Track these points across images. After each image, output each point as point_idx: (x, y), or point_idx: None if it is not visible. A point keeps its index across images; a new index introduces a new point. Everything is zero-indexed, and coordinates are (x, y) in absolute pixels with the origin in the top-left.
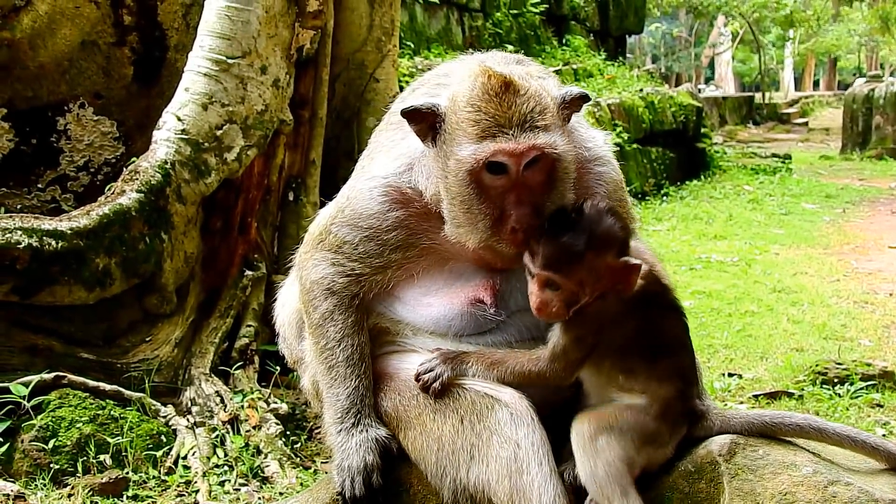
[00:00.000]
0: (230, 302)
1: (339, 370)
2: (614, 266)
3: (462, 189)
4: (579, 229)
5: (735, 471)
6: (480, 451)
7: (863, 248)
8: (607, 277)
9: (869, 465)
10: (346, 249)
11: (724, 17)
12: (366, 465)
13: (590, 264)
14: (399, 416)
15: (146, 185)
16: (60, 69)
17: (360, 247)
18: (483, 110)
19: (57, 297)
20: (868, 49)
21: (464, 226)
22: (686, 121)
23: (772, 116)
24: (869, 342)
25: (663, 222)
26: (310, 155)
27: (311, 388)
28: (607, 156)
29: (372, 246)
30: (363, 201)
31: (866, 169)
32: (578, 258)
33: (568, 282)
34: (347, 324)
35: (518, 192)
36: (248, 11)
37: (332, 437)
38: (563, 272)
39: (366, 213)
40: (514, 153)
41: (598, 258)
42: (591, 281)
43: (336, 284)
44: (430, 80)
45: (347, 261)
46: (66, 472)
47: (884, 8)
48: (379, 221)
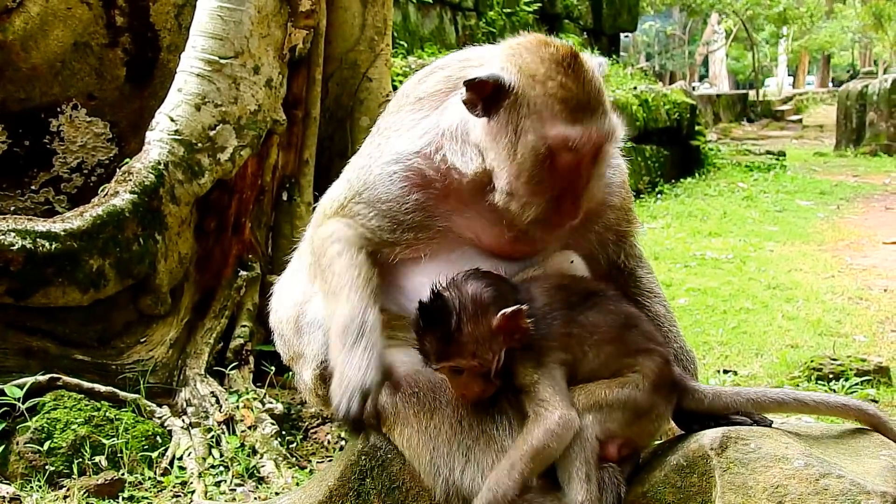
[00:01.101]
0: (225, 302)
1: (344, 292)
2: (499, 325)
3: (535, 165)
4: (446, 311)
5: (727, 464)
6: (476, 455)
7: (857, 245)
8: (500, 337)
9: (861, 457)
10: (359, 220)
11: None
12: (364, 383)
13: (474, 337)
14: (396, 413)
15: (139, 186)
16: (53, 71)
17: (374, 221)
18: (564, 86)
19: (51, 298)
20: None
21: (523, 199)
22: (680, 118)
23: (766, 114)
24: (864, 338)
25: (658, 220)
26: (303, 155)
27: (310, 384)
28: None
29: (386, 223)
30: (383, 185)
31: (860, 165)
32: (459, 338)
33: (467, 362)
34: (357, 259)
35: (585, 173)
36: (240, 11)
37: (333, 357)
38: (455, 357)
39: (385, 197)
40: (597, 140)
41: (478, 327)
42: (487, 348)
43: (347, 234)
44: (453, 65)
45: (360, 226)
46: (62, 473)
47: (877, 4)
48: (399, 205)
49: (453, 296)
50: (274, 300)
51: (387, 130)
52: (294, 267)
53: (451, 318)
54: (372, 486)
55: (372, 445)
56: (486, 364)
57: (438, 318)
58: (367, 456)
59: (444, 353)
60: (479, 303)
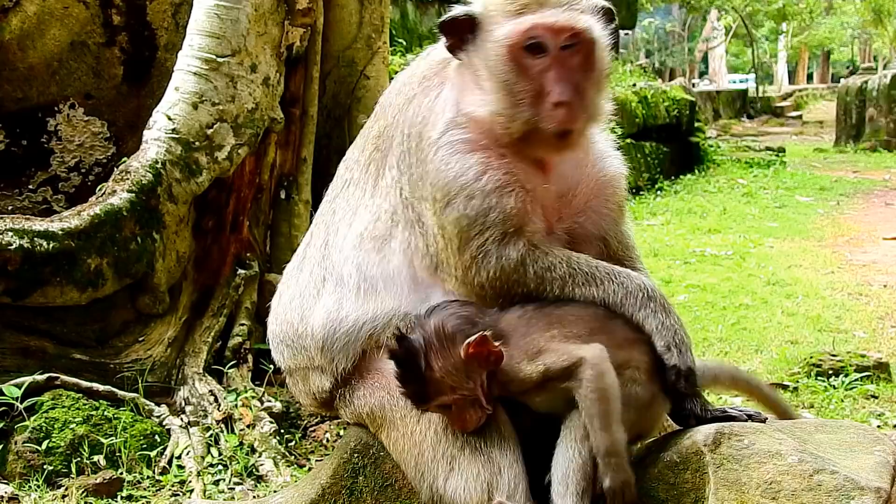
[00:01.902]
0: (223, 301)
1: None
2: (467, 354)
3: (502, 71)
4: (413, 352)
5: (720, 460)
6: (460, 464)
7: (857, 240)
8: (475, 365)
9: (855, 453)
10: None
11: (717, 11)
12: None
13: (447, 371)
14: (384, 415)
15: (137, 184)
16: (50, 70)
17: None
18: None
19: (49, 297)
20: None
21: (506, 111)
22: (679, 115)
23: (766, 110)
24: (863, 334)
25: (657, 217)
26: (301, 153)
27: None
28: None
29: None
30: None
31: (860, 161)
32: (433, 376)
33: (449, 397)
34: (559, 252)
35: (558, 70)
36: (237, 10)
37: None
38: (435, 396)
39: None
40: (553, 28)
41: (448, 361)
42: (465, 378)
43: (503, 236)
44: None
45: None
46: (60, 473)
47: (876, 0)
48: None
49: (418, 335)
50: (288, 309)
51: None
52: (322, 280)
53: (420, 358)
54: (365, 483)
55: (365, 443)
56: (470, 393)
57: (408, 360)
58: (359, 454)
59: (423, 394)
60: (443, 336)
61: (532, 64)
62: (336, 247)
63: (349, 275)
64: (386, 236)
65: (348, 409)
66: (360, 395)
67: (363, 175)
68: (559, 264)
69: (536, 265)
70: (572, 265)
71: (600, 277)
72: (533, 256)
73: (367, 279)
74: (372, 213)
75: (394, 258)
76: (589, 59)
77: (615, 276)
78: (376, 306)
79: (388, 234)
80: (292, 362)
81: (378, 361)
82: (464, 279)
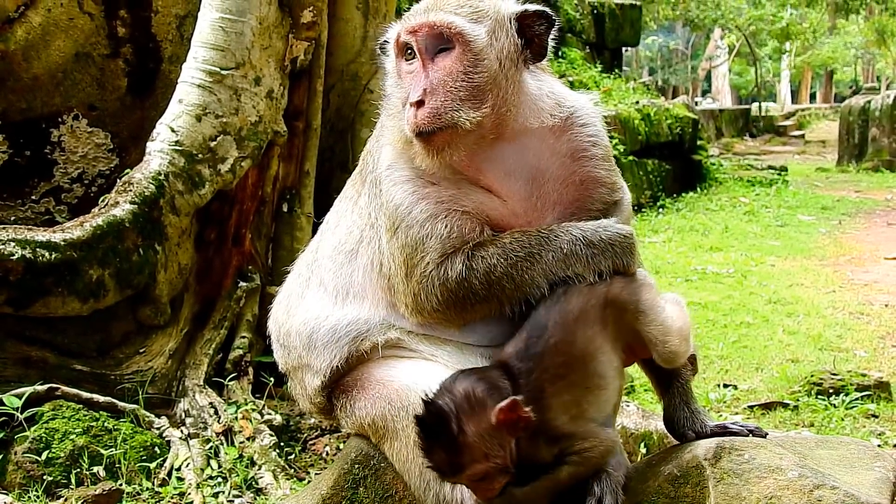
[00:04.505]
0: (224, 313)
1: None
2: (498, 420)
3: (388, 84)
4: (445, 417)
5: (720, 475)
6: None
7: (859, 260)
8: (503, 432)
9: (855, 468)
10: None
11: (720, 29)
12: None
13: (480, 437)
14: (386, 426)
15: (140, 196)
16: (54, 81)
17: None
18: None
19: (51, 308)
20: (864, 62)
21: (393, 122)
22: (682, 133)
23: (768, 129)
24: (864, 353)
25: (659, 234)
26: (304, 166)
27: (311, 392)
28: (589, 116)
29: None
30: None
31: (862, 181)
32: (466, 442)
33: (483, 465)
34: (493, 249)
35: (421, 72)
36: (241, 23)
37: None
38: (470, 465)
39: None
40: (409, 29)
41: (480, 426)
42: (497, 445)
43: (456, 251)
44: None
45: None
46: (60, 483)
47: (880, 20)
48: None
49: (446, 400)
50: (279, 310)
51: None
52: (307, 280)
53: (451, 423)
54: (365, 495)
55: (365, 454)
56: (502, 461)
57: (438, 427)
58: (360, 465)
59: (457, 463)
60: (473, 401)
61: (405, 69)
62: (321, 252)
63: (329, 280)
64: (354, 251)
65: (349, 419)
66: (362, 405)
67: (351, 190)
68: (497, 262)
69: (478, 273)
70: (509, 256)
71: (536, 252)
72: (471, 266)
73: (339, 287)
74: (347, 228)
75: (358, 273)
76: (461, 59)
77: (548, 242)
78: (354, 312)
79: (356, 250)
80: (286, 361)
81: (378, 372)
82: (415, 308)
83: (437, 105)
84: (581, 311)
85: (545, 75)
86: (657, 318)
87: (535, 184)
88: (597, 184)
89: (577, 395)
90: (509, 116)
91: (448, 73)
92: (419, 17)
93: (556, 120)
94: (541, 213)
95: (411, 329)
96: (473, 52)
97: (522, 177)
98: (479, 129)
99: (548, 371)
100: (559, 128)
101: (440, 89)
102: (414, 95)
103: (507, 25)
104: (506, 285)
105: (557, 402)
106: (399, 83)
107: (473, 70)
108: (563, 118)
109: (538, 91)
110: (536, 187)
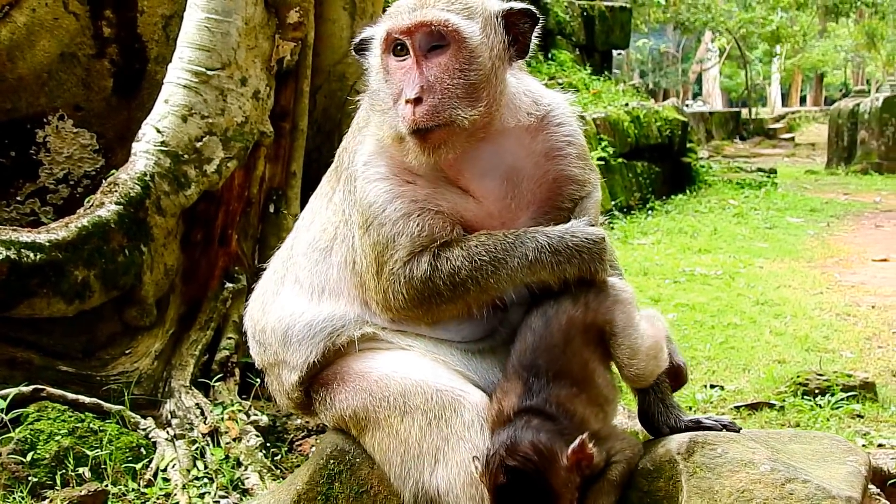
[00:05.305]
0: (211, 314)
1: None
2: (571, 462)
3: (375, 81)
4: (528, 479)
5: (693, 469)
6: (446, 454)
7: (846, 262)
8: (574, 475)
9: (827, 462)
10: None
11: (711, 32)
12: None
13: (563, 484)
14: (367, 417)
15: (125, 197)
16: (39, 81)
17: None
18: (393, 6)
19: (36, 309)
20: (854, 65)
21: (380, 120)
22: (672, 135)
23: (758, 132)
24: (851, 354)
25: (648, 236)
26: (291, 167)
27: (288, 388)
28: (565, 115)
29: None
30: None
31: (851, 183)
32: (553, 492)
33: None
34: (459, 252)
35: (416, 70)
36: (227, 23)
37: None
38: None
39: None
40: (403, 29)
41: (559, 475)
42: (575, 489)
43: (425, 251)
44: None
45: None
46: (45, 484)
47: (870, 24)
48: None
49: (521, 459)
50: (255, 308)
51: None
52: (282, 277)
53: (538, 482)
54: (340, 490)
55: (340, 449)
56: (573, 498)
57: (524, 491)
58: (336, 460)
59: None
60: (545, 452)
61: (396, 66)
62: (296, 249)
63: (304, 277)
64: (329, 248)
65: (329, 412)
66: (342, 398)
67: (326, 187)
68: (462, 265)
69: (443, 274)
70: (473, 259)
71: (501, 257)
72: (436, 266)
73: (315, 284)
74: (321, 225)
75: (333, 271)
76: (456, 57)
77: (513, 248)
78: (329, 308)
79: (330, 247)
80: (263, 358)
81: (357, 364)
82: (384, 305)
83: (435, 102)
84: (566, 340)
85: (522, 73)
86: (626, 342)
87: (510, 184)
88: (569, 181)
89: (595, 407)
90: (498, 115)
91: (445, 71)
92: (413, 15)
93: (532, 119)
94: (515, 215)
95: (385, 326)
96: (469, 49)
97: (498, 177)
98: (472, 128)
99: (562, 395)
100: (535, 127)
101: (437, 87)
102: (411, 92)
103: (494, 23)
104: (471, 288)
105: (587, 415)
106: (388, 79)
107: (469, 68)
108: (539, 117)
109: (516, 89)
110: (511, 188)
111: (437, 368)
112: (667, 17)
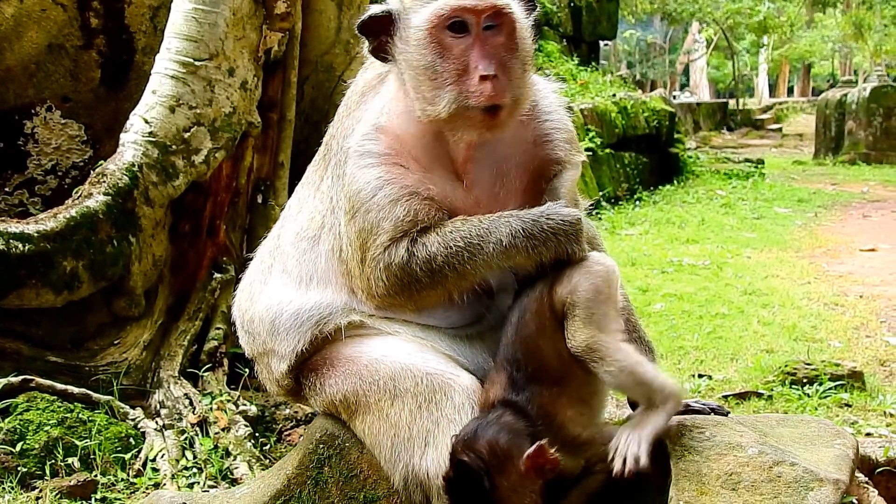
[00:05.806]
0: (199, 304)
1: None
2: (527, 468)
3: (424, 56)
4: (475, 475)
5: (681, 452)
6: (437, 438)
7: (834, 252)
8: (533, 478)
9: (815, 446)
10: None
11: (698, 23)
12: None
13: (512, 491)
14: (357, 401)
15: (113, 187)
16: (27, 72)
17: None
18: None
19: (24, 300)
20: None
21: (431, 96)
22: (659, 126)
23: (746, 122)
24: (838, 343)
25: (636, 227)
26: (278, 157)
27: (278, 376)
28: (553, 105)
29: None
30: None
31: (839, 174)
32: (500, 497)
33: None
34: (434, 237)
35: (482, 48)
36: (215, 14)
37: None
38: None
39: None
40: (475, 9)
41: (510, 481)
42: (528, 492)
43: (405, 238)
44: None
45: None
46: (34, 475)
47: (857, 14)
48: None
49: (473, 457)
50: (242, 297)
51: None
52: (269, 267)
53: (483, 482)
54: (330, 474)
55: (330, 434)
56: (531, 502)
57: (469, 486)
58: (325, 444)
59: None
60: (500, 454)
61: (454, 43)
62: (283, 238)
63: (292, 266)
64: (316, 237)
65: (319, 397)
66: (332, 382)
67: (313, 176)
68: (437, 251)
69: (419, 260)
70: (449, 245)
71: (476, 243)
72: (413, 252)
73: (303, 273)
74: (309, 214)
75: (321, 260)
76: (512, 38)
77: (488, 233)
78: (317, 297)
79: (317, 236)
80: (252, 347)
81: (346, 350)
82: (368, 292)
83: (506, 80)
84: (538, 329)
85: None
86: (579, 315)
87: (499, 173)
88: (554, 163)
89: (580, 406)
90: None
91: (507, 51)
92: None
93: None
94: (503, 203)
95: (372, 313)
96: (521, 31)
97: (489, 166)
98: (524, 108)
99: (544, 395)
100: (526, 116)
101: (505, 65)
102: (489, 68)
103: (522, 8)
104: (448, 274)
105: (568, 417)
106: (445, 55)
107: (521, 49)
108: (531, 106)
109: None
110: (500, 176)
111: (427, 353)
112: (654, 8)
